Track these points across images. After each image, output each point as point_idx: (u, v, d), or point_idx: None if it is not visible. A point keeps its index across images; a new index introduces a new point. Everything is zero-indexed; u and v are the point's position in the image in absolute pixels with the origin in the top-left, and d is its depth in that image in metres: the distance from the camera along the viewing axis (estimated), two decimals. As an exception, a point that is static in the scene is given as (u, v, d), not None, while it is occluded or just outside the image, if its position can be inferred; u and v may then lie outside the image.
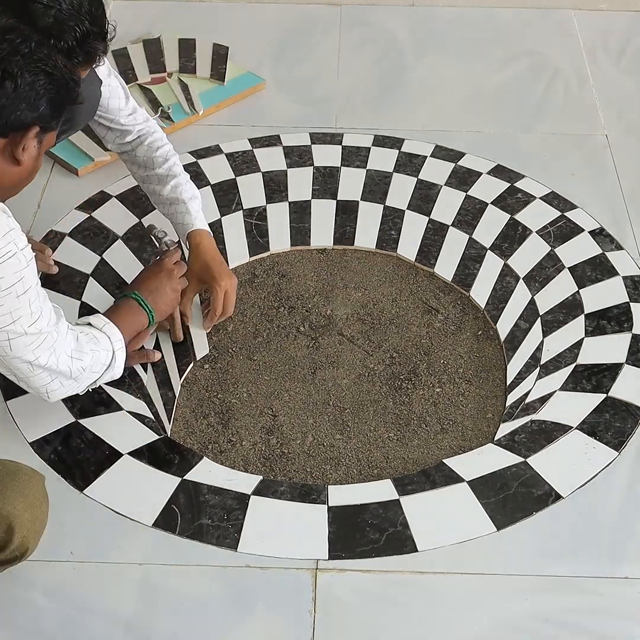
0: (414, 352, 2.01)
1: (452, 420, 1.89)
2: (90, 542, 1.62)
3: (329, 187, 2.32)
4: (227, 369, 1.96)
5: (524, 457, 1.75)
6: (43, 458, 1.72)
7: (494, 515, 1.65)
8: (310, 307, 2.09)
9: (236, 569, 1.58)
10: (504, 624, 1.52)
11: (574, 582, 1.57)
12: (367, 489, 1.73)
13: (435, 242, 2.21)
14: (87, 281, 2.05)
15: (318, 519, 1.65)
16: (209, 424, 1.87)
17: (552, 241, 2.17)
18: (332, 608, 1.54)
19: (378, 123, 2.51)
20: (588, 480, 1.71)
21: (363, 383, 1.95)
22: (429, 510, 1.68)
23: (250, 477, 1.73)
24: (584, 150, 2.45)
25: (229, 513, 1.65)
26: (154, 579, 1.57)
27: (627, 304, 2.02)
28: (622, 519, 1.66)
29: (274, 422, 1.87)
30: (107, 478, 1.70)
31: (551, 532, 1.64)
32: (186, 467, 1.72)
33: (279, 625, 1.52)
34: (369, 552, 1.61)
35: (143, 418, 1.81)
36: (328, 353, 2.00)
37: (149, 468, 1.72)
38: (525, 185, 2.32)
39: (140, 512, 1.65)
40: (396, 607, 1.54)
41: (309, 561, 1.60)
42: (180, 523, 1.64)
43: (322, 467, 1.81)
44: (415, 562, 1.60)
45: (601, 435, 1.78)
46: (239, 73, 2.67)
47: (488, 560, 1.60)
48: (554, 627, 1.51)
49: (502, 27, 2.90)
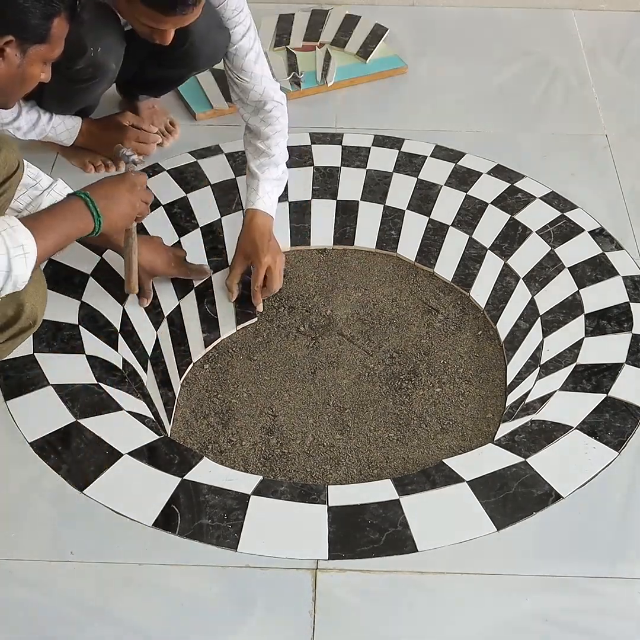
0: (414, 352, 2.01)
1: (452, 420, 1.89)
2: (90, 542, 1.61)
3: (329, 187, 2.31)
4: (227, 369, 1.96)
5: (524, 457, 1.75)
6: (43, 458, 1.71)
7: (494, 515, 1.65)
8: (310, 307, 2.10)
9: (236, 569, 1.58)
10: (504, 624, 1.51)
11: (574, 582, 1.57)
12: (367, 489, 1.72)
13: (435, 242, 2.21)
14: (87, 281, 2.04)
15: (318, 519, 1.65)
16: (209, 424, 1.87)
17: (552, 241, 2.17)
18: (332, 608, 1.54)
19: (378, 123, 2.51)
20: (588, 480, 1.71)
21: (363, 383, 1.95)
22: (429, 510, 1.67)
23: (250, 477, 1.73)
24: (584, 150, 2.44)
25: (229, 513, 1.65)
26: (154, 579, 1.56)
27: (627, 304, 2.01)
28: (622, 519, 1.66)
29: (274, 422, 1.87)
30: (107, 478, 1.69)
31: (551, 532, 1.64)
32: (186, 467, 1.72)
33: (279, 626, 1.52)
34: (369, 552, 1.60)
35: (143, 418, 1.81)
36: (328, 353, 2.00)
37: (149, 468, 1.72)
38: (525, 185, 2.31)
39: (140, 512, 1.65)
40: (396, 607, 1.54)
41: (309, 561, 1.59)
42: (180, 523, 1.63)
43: (322, 467, 1.81)
44: (416, 562, 1.59)
45: (601, 435, 1.78)
46: (386, 55, 2.73)
47: (488, 560, 1.60)
48: (553, 627, 1.51)
49: (502, 27, 2.89)
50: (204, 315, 2.07)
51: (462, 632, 1.51)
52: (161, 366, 1.93)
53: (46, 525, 1.63)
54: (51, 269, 2.04)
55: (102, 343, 1.93)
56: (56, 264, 2.06)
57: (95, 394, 1.81)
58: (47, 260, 2.05)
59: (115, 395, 1.83)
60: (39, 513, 1.64)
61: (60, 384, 1.82)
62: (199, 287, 2.09)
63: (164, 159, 2.34)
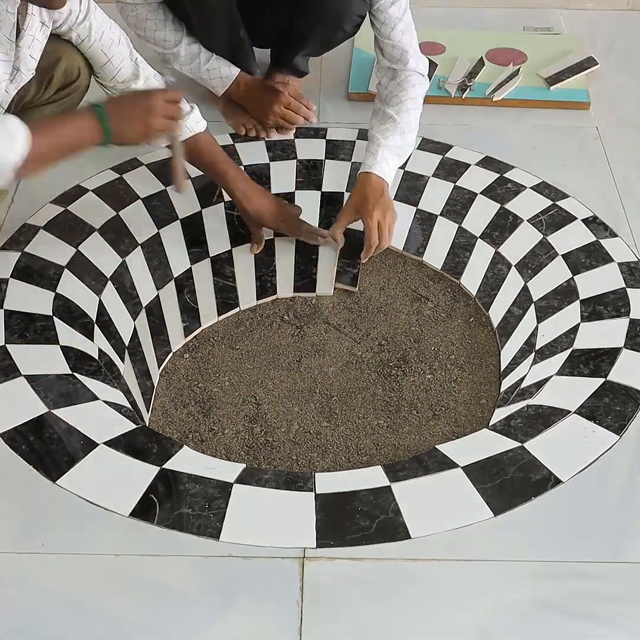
0: (404, 339, 1.93)
1: (445, 406, 1.81)
2: (62, 533, 1.52)
3: (313, 179, 2.25)
4: (208, 358, 1.88)
5: (521, 442, 1.66)
6: (14, 449, 1.62)
7: (491, 501, 1.57)
8: (294, 296, 2.02)
9: (218, 559, 1.49)
10: (504, 612, 1.42)
11: (575, 567, 1.48)
12: (357, 475, 1.64)
13: (423, 231, 2.14)
14: (62, 273, 1.97)
15: (305, 506, 1.56)
16: (189, 413, 1.78)
17: (544, 229, 2.11)
18: (321, 597, 1.44)
19: (362, 118, 2.44)
20: (589, 465, 1.63)
21: (350, 371, 1.87)
22: (422, 496, 1.59)
23: (233, 465, 1.64)
24: (574, 142, 2.39)
25: (211, 502, 1.56)
26: (131, 570, 1.47)
27: (624, 290, 1.95)
28: (624, 503, 1.58)
29: (257, 411, 1.79)
30: (81, 468, 1.60)
31: (551, 517, 1.55)
32: (165, 456, 1.63)
33: (264, 616, 1.42)
34: (359, 540, 1.51)
35: (120, 407, 1.72)
36: (314, 341, 1.93)
37: (125, 457, 1.63)
38: (515, 175, 2.25)
39: (116, 502, 1.56)
40: (389, 596, 1.45)
41: (295, 550, 1.50)
42: (158, 513, 1.54)
43: (308, 454, 1.73)
44: (409, 549, 1.50)
45: (601, 419, 1.70)
46: (577, 87, 2.57)
47: (485, 546, 1.51)
48: (555, 613, 1.42)
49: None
50: (184, 305, 2.00)
51: (458, 620, 1.42)
52: (139, 356, 1.85)
53: (15, 517, 1.53)
54: (24, 262, 1.97)
55: (77, 333, 1.85)
56: (30, 257, 1.99)
57: (69, 384, 1.73)
58: (21, 252, 1.99)
59: (91, 385, 1.75)
60: (7, 505, 1.55)
61: (32, 375, 1.74)
62: (178, 277, 2.03)
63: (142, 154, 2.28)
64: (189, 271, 2.05)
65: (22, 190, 2.18)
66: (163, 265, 2.06)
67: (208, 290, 2.02)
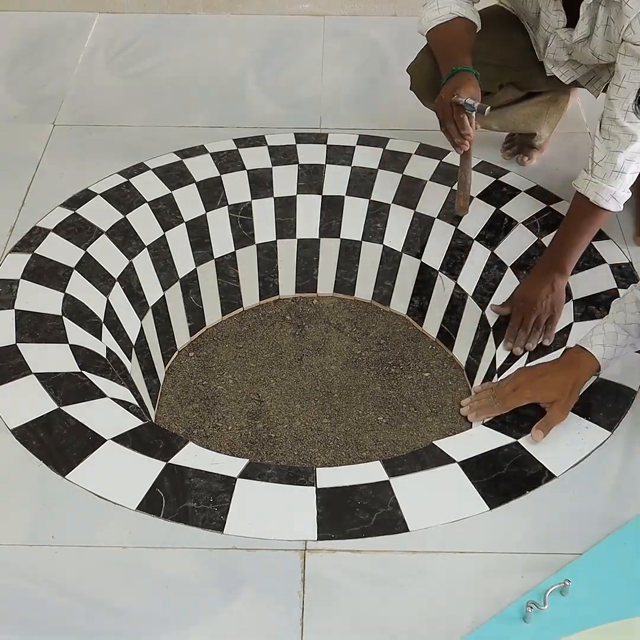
0: (402, 338, 1.98)
1: (442, 403, 1.87)
2: (72, 526, 1.57)
3: (314, 183, 2.30)
4: (212, 356, 1.93)
5: (516, 437, 1.72)
6: (25, 445, 1.68)
7: (486, 495, 1.62)
8: (296, 296, 2.07)
9: (222, 551, 1.54)
10: (499, 603, 1.47)
11: (567, 560, 1.53)
12: (356, 470, 1.69)
13: (421, 233, 2.19)
14: (71, 274, 2.02)
15: (306, 500, 1.61)
16: (194, 409, 1.83)
17: (538, 232, 2.16)
18: (322, 589, 1.49)
19: (362, 124, 2.50)
20: (581, 460, 1.68)
21: (351, 369, 1.92)
22: (420, 490, 1.64)
23: (236, 460, 1.69)
24: (568, 147, 2.43)
25: (215, 496, 1.61)
26: (138, 562, 1.52)
27: (616, 290, 2.00)
28: (615, 497, 1.63)
29: (260, 407, 1.84)
30: (89, 463, 1.66)
31: (545, 510, 1.60)
32: (171, 452, 1.68)
33: (267, 607, 1.47)
34: (359, 533, 1.56)
35: (127, 405, 1.78)
36: (314, 340, 1.98)
37: (132, 453, 1.68)
38: (510, 179, 2.30)
39: (123, 496, 1.61)
40: (388, 587, 1.50)
41: (297, 542, 1.55)
42: (165, 506, 1.59)
43: (309, 450, 1.78)
44: (407, 541, 1.55)
45: (593, 416, 1.75)
46: None
47: (481, 538, 1.56)
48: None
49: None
50: (189, 305, 2.04)
51: (455, 612, 1.47)
52: (145, 354, 1.90)
53: (26, 510, 1.58)
54: (35, 263, 2.02)
55: (85, 333, 1.90)
56: (40, 258, 2.04)
57: (78, 382, 1.78)
58: (31, 254, 2.04)
59: (99, 383, 1.80)
60: (19, 499, 1.60)
61: (42, 372, 1.79)
62: (183, 278, 2.07)
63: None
64: (194, 272, 2.09)
65: (33, 194, 2.23)
66: (169, 266, 2.11)
67: (212, 291, 2.07)
